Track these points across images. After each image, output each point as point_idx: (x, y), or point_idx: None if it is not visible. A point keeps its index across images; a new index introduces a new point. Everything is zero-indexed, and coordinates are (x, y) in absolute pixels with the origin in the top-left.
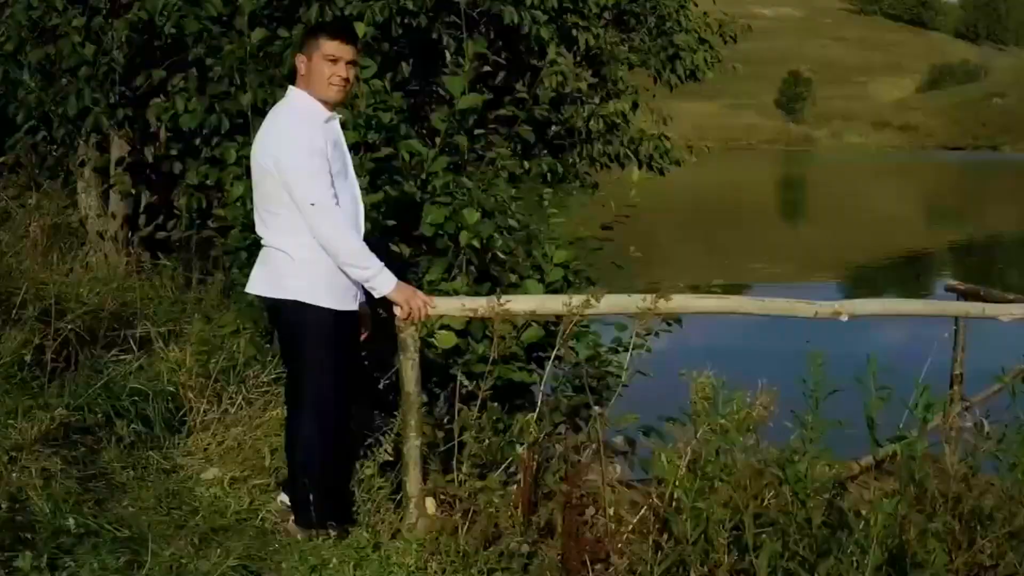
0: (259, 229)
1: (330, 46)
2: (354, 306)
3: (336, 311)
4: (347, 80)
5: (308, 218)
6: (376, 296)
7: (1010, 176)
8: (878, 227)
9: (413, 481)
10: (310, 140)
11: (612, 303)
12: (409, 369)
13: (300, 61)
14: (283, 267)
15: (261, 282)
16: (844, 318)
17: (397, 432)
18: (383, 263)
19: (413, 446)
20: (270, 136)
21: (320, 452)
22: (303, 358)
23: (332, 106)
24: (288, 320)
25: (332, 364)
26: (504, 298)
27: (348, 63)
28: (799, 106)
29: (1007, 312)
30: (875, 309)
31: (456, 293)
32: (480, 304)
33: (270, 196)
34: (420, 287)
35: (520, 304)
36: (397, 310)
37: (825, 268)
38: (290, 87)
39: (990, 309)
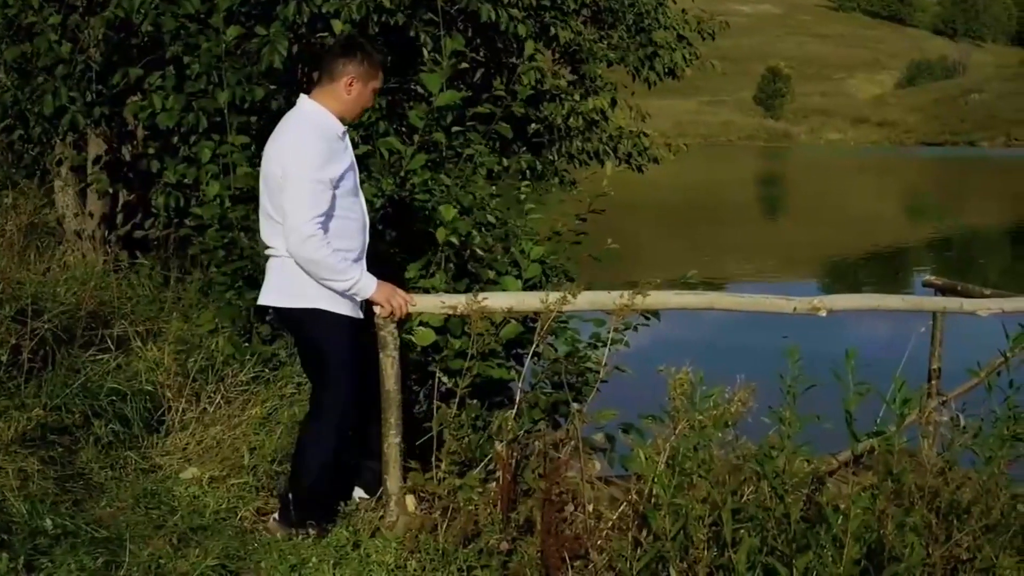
0: (268, 238)
1: (381, 81)
2: (360, 314)
3: (352, 318)
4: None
5: (289, 232)
6: (359, 300)
7: (988, 172)
8: (857, 223)
9: (393, 479)
10: (322, 158)
11: (590, 299)
12: (389, 367)
13: (348, 81)
14: (302, 275)
15: (277, 292)
16: (823, 314)
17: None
18: (361, 267)
19: (393, 444)
20: (283, 146)
21: (330, 460)
22: (327, 366)
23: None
24: (310, 329)
25: (351, 372)
26: (482, 295)
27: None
28: (778, 103)
29: (985, 307)
30: (854, 304)
31: (434, 290)
32: (459, 301)
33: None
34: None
35: (498, 301)
36: (378, 308)
37: (804, 264)
38: (304, 97)
39: (968, 304)
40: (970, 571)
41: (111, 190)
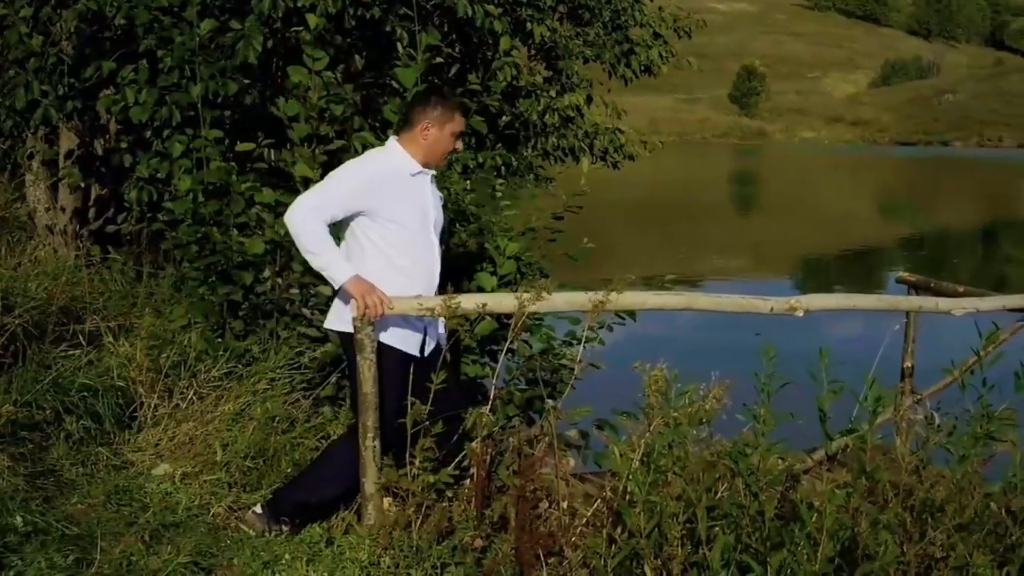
0: None
1: (461, 123)
2: (415, 350)
3: (400, 350)
4: (458, 151)
5: (298, 198)
6: (335, 287)
7: (961, 172)
8: (831, 221)
9: (371, 481)
10: (367, 172)
11: (565, 299)
12: (366, 369)
13: (426, 126)
14: (342, 297)
15: (330, 314)
16: (800, 314)
17: (347, 424)
18: (341, 254)
19: (371, 446)
20: None
21: (339, 480)
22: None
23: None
24: (348, 353)
25: (385, 402)
26: (457, 297)
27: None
28: (753, 101)
29: (959, 306)
30: (830, 304)
31: None
32: (436, 303)
33: (340, 225)
34: None
35: (473, 302)
36: (352, 307)
37: (779, 261)
38: (392, 138)
39: (943, 304)
40: (944, 569)
41: (83, 184)
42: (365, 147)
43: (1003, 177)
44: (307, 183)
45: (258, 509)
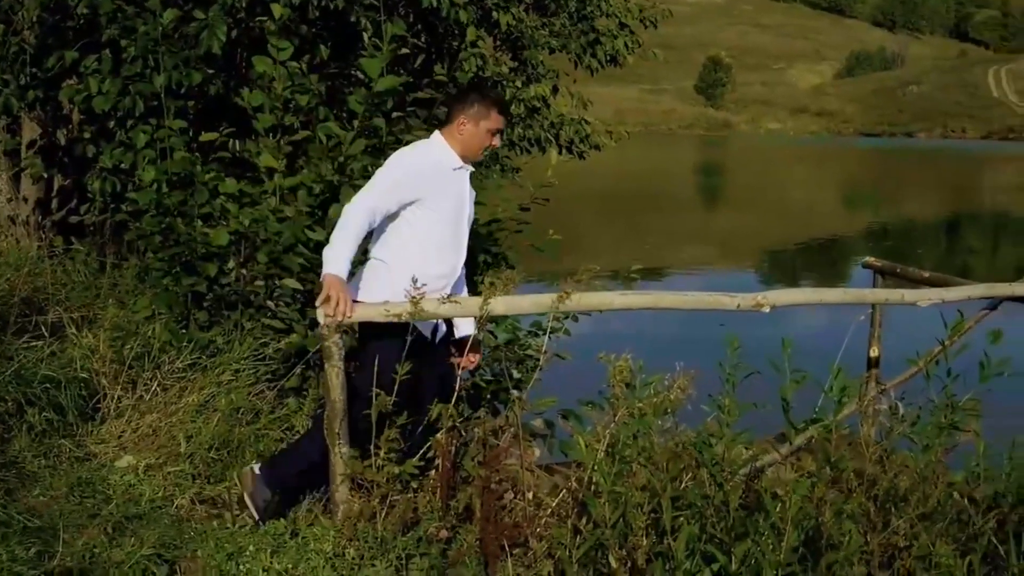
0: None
1: (497, 120)
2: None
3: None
4: (496, 147)
5: (356, 196)
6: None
7: (925, 163)
8: (796, 212)
9: (342, 489)
10: (412, 167)
11: (531, 302)
12: (334, 377)
13: (463, 121)
14: (368, 281)
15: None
16: (766, 310)
17: (309, 416)
18: (351, 257)
19: (339, 454)
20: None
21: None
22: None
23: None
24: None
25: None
26: (422, 302)
27: (500, 132)
28: (718, 92)
29: (925, 298)
30: (796, 299)
31: None
32: (402, 309)
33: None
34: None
35: (439, 308)
36: (320, 306)
37: (745, 252)
38: (436, 132)
39: (909, 295)
40: (907, 558)
41: (46, 175)
42: (330, 137)
43: (966, 168)
44: (272, 174)
45: (256, 468)
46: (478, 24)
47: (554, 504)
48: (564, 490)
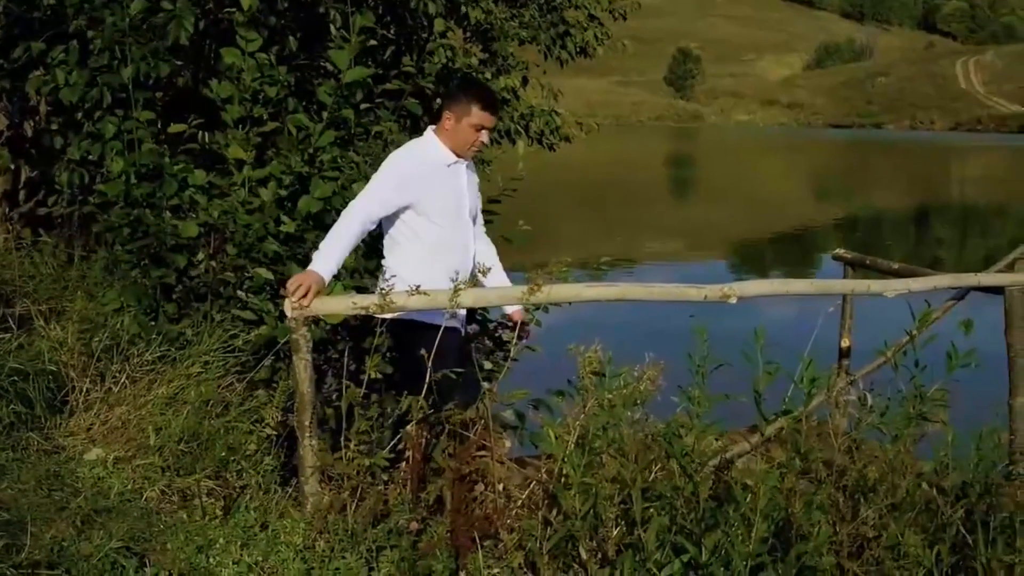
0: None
1: (479, 116)
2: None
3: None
4: (485, 144)
5: (353, 202)
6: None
7: (894, 154)
8: (766, 203)
9: (312, 482)
10: (404, 172)
11: (498, 295)
12: (302, 369)
13: (447, 116)
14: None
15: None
16: (733, 301)
17: (281, 408)
18: (339, 258)
19: (309, 446)
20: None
21: None
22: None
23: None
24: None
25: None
26: (393, 295)
27: (489, 130)
28: (688, 83)
29: (892, 288)
30: (763, 290)
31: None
32: (370, 301)
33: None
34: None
35: (408, 301)
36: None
37: (714, 243)
38: (429, 128)
39: (876, 286)
40: (876, 548)
41: (13, 166)
42: (299, 129)
43: (935, 159)
44: (241, 165)
45: None
46: (447, 15)
47: (525, 496)
48: (534, 482)
